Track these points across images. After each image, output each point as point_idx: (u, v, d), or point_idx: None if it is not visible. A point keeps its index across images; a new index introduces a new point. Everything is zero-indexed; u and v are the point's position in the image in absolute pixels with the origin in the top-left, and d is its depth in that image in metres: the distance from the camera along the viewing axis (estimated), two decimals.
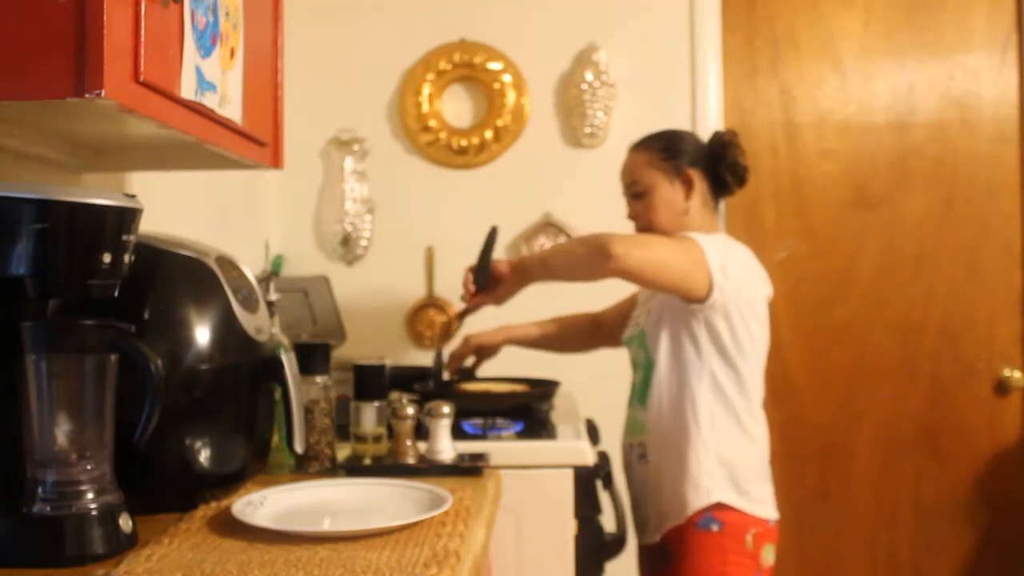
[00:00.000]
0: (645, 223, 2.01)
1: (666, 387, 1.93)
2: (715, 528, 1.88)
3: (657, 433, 1.95)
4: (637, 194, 2.02)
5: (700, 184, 1.99)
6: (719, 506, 1.88)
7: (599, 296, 2.37)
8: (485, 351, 2.28)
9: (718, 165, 2.01)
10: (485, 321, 2.33)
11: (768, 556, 1.92)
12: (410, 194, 2.86)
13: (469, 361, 2.31)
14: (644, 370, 2.00)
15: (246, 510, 1.21)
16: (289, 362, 1.34)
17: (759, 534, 1.90)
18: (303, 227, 2.88)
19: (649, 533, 1.99)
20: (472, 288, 2.08)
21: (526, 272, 2.02)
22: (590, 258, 1.84)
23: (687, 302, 1.88)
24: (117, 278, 1.08)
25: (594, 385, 2.49)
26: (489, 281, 2.07)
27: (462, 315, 2.17)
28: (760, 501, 1.93)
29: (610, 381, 2.46)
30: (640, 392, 2.00)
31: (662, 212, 1.98)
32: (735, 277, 1.87)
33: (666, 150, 2.01)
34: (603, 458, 1.99)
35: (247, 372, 1.29)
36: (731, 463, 1.90)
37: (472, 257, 2.84)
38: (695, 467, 1.88)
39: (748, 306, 1.91)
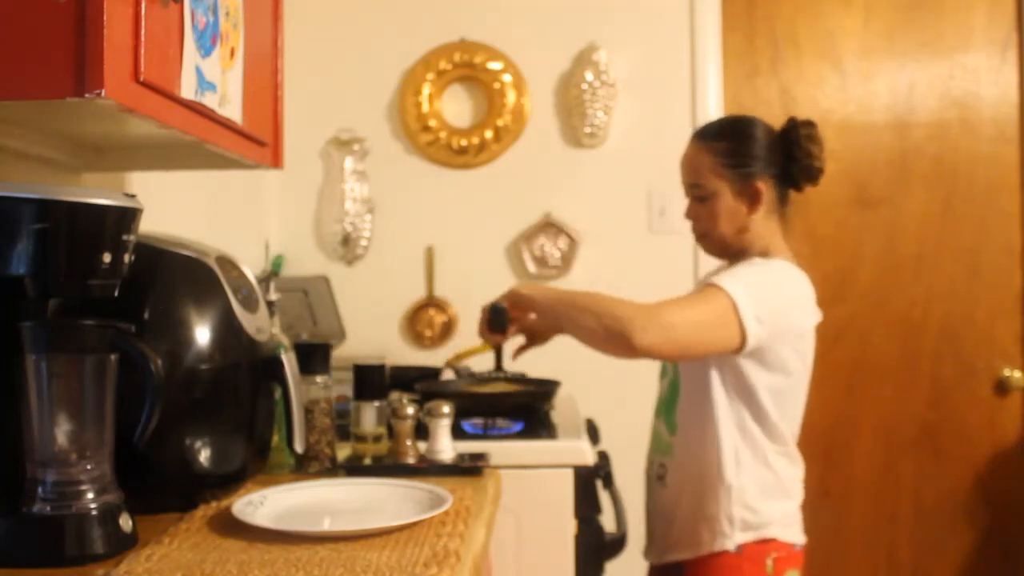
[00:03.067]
0: (704, 229, 1.86)
1: (693, 422, 1.81)
2: (732, 550, 1.76)
3: (681, 463, 1.84)
4: (698, 198, 1.84)
5: (768, 194, 1.81)
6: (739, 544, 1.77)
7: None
8: (537, 335, 2.03)
9: (791, 166, 1.81)
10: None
11: None
12: (410, 194, 2.86)
13: (512, 345, 2.05)
14: (671, 385, 1.89)
15: (246, 510, 1.21)
16: (289, 362, 1.33)
17: (780, 558, 1.77)
18: (303, 227, 2.88)
19: (654, 554, 1.93)
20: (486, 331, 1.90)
21: (531, 308, 1.86)
22: (609, 339, 1.68)
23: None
24: (117, 278, 1.08)
25: (594, 385, 2.49)
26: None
27: (498, 354, 1.97)
28: (785, 524, 1.80)
29: (610, 381, 2.46)
30: (667, 410, 1.90)
31: (723, 222, 1.81)
32: (773, 320, 1.71)
33: (736, 155, 1.80)
34: (603, 458, 1.99)
35: (247, 372, 1.29)
36: (755, 509, 1.77)
37: (471, 258, 2.85)
38: (714, 510, 1.76)
39: (788, 346, 1.76)
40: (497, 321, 1.89)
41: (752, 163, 1.80)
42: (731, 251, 1.87)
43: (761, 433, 1.78)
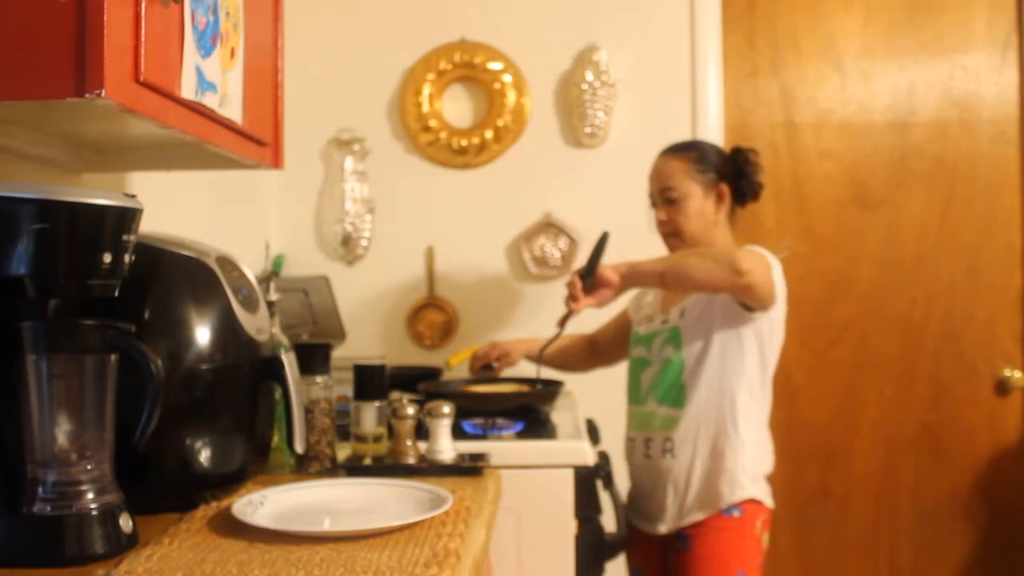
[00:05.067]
0: (674, 229, 2.11)
1: (711, 386, 2.02)
2: (736, 514, 2.00)
3: (691, 430, 2.02)
4: (670, 200, 2.10)
5: (727, 198, 2.12)
6: (748, 499, 2.01)
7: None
8: (507, 359, 2.35)
9: (740, 181, 2.12)
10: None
11: (766, 541, 2.06)
12: (410, 194, 2.86)
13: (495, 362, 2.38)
14: (672, 368, 2.05)
15: (246, 510, 1.21)
16: (289, 362, 1.33)
17: (765, 520, 2.04)
18: (303, 227, 2.88)
19: (665, 522, 2.05)
20: (579, 292, 1.99)
21: (636, 279, 2.00)
22: (720, 273, 1.89)
23: (748, 310, 1.98)
24: (117, 278, 1.08)
25: (594, 385, 2.49)
26: (595, 285, 2.02)
27: (564, 320, 2.09)
28: (766, 489, 2.07)
29: (610, 381, 2.46)
30: (667, 390, 2.06)
31: (694, 221, 2.09)
32: (780, 288, 2.01)
33: (702, 161, 2.11)
34: (603, 458, 1.99)
35: (247, 372, 1.29)
36: (756, 460, 2.03)
37: (471, 258, 2.85)
38: (732, 463, 1.99)
39: (781, 313, 2.05)
40: (590, 281, 1.97)
41: (716, 171, 2.11)
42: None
43: (762, 396, 2.05)
